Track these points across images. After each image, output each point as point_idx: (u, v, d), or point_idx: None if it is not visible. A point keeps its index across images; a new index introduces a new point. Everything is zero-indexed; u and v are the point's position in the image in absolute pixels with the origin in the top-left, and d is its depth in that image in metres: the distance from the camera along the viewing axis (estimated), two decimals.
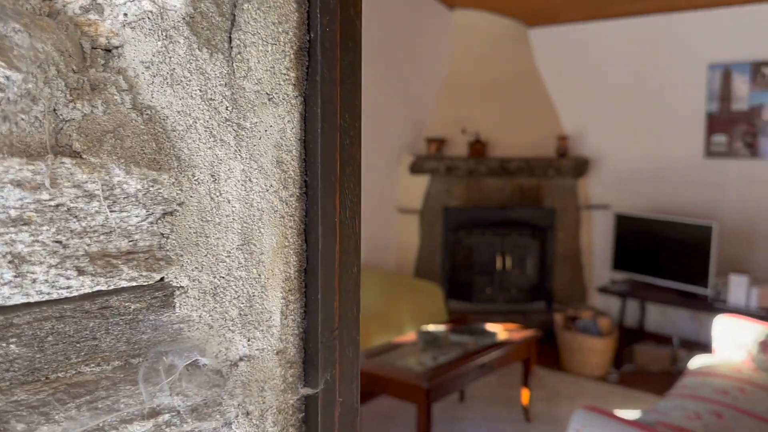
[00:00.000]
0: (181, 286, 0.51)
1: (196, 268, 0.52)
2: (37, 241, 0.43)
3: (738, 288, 3.84)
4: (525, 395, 3.40)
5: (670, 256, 4.23)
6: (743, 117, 4.23)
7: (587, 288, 5.11)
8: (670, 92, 4.60)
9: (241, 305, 0.56)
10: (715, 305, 3.89)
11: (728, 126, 4.30)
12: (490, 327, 3.52)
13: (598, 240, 5.06)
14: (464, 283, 4.94)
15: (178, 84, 0.50)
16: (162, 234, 0.50)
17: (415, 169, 4.89)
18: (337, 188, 0.60)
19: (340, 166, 0.59)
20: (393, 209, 5.00)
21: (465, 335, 3.42)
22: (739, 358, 3.19)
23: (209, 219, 0.53)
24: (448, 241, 4.99)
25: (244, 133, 0.55)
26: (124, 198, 0.47)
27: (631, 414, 3.43)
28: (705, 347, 4.42)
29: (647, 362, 4.35)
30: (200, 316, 0.53)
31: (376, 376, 2.80)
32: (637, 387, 3.97)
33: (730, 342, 3.23)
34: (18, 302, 0.42)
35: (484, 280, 4.89)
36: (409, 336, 3.28)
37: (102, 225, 0.46)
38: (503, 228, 4.90)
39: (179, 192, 0.50)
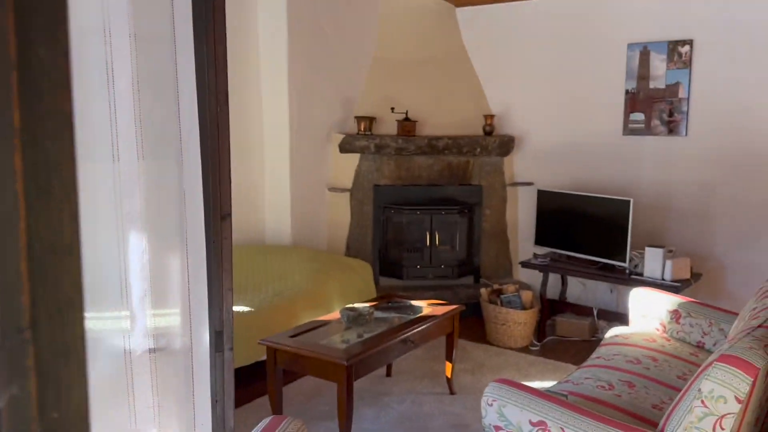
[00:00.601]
0: None
1: None
2: None
3: (653, 260, 4.02)
4: (448, 368, 3.46)
5: (590, 231, 4.38)
6: (660, 95, 4.39)
7: (513, 263, 5.24)
8: (591, 71, 4.73)
9: None
10: (632, 277, 4.06)
11: (646, 104, 4.45)
12: (416, 303, 3.55)
13: (523, 216, 5.19)
14: (395, 261, 4.98)
15: None
16: None
17: (345, 147, 4.85)
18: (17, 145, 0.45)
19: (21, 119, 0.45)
20: (323, 188, 4.95)
21: (390, 311, 3.44)
22: (653, 328, 3.35)
23: None
24: (379, 219, 5.00)
25: None
26: None
27: (546, 384, 3.56)
28: (623, 318, 4.62)
29: (568, 333, 4.51)
30: None
31: (298, 355, 2.78)
32: (558, 357, 4.12)
33: (644, 313, 3.38)
34: None
35: (414, 257, 4.93)
36: (334, 314, 3.27)
37: None
38: (432, 205, 4.94)
39: None
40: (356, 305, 3.23)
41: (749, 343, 1.88)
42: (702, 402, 1.79)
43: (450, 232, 5.08)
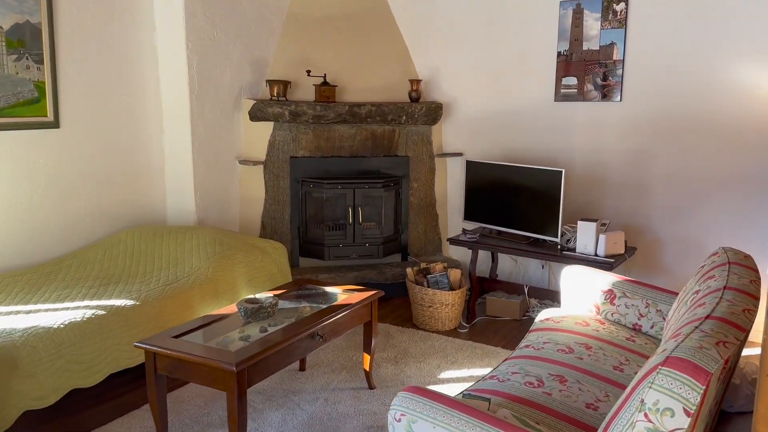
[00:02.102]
0: None
1: None
2: None
3: (585, 235, 3.76)
4: (366, 361, 3.10)
5: (521, 204, 4.08)
6: (594, 57, 4.09)
7: (443, 239, 4.92)
8: (522, 32, 4.38)
9: None
10: (563, 253, 3.80)
11: (579, 67, 4.15)
12: (330, 289, 3.16)
13: (453, 189, 4.85)
14: (315, 240, 4.56)
15: None
16: None
17: (256, 115, 4.36)
18: None
19: None
20: (233, 160, 4.46)
21: (300, 301, 3.04)
22: (587, 310, 3.08)
23: None
24: (297, 194, 4.55)
25: None
26: None
27: (474, 373, 3.25)
28: (556, 296, 4.38)
29: (499, 313, 4.23)
30: None
31: (180, 360, 2.35)
32: (488, 340, 3.83)
33: (577, 293, 3.11)
34: None
35: (336, 235, 4.53)
36: (231, 307, 2.84)
37: None
38: (355, 179, 4.53)
39: None
40: (258, 295, 2.80)
41: (698, 341, 1.58)
42: (645, 416, 1.47)
43: (375, 208, 4.69)
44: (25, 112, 3.46)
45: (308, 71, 4.45)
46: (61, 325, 2.66)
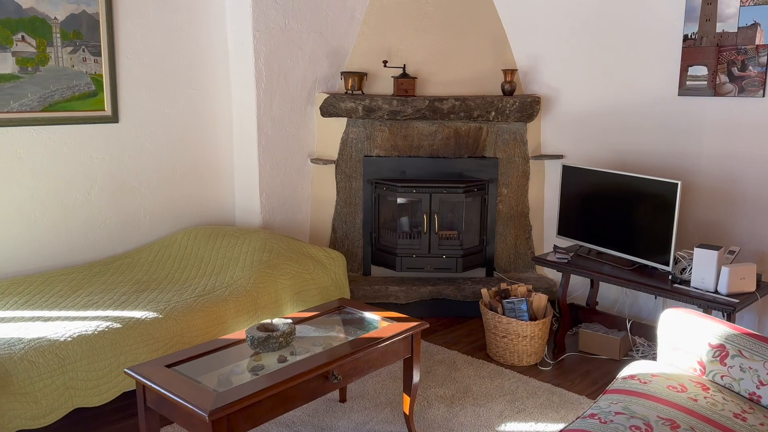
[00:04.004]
0: None
1: None
2: None
3: (704, 265, 2.99)
4: (406, 403, 2.63)
5: (627, 221, 3.37)
6: (731, 42, 3.25)
7: (537, 254, 4.28)
8: (640, 12, 3.62)
9: None
10: (674, 287, 3.05)
11: (710, 54, 3.33)
12: (370, 315, 2.72)
13: (551, 197, 4.19)
14: (387, 248, 4.13)
15: None
16: None
17: (327, 110, 4.01)
18: None
19: None
20: (305, 159, 4.15)
21: (331, 327, 2.63)
22: (688, 367, 2.38)
23: None
24: (370, 196, 4.15)
25: None
26: None
27: (543, 430, 2.65)
28: None
29: (594, 350, 3.55)
30: None
31: (163, 397, 2.04)
32: (573, 384, 3.19)
33: (678, 344, 2.41)
34: None
35: (410, 244, 4.07)
36: (241, 333, 2.50)
37: None
38: (433, 182, 4.04)
39: None
40: (276, 321, 2.44)
41: None
42: None
43: (455, 215, 4.17)
44: (82, 106, 3.37)
45: (385, 62, 4.01)
46: (69, 338, 2.47)
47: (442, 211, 4.08)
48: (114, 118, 3.50)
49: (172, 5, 3.65)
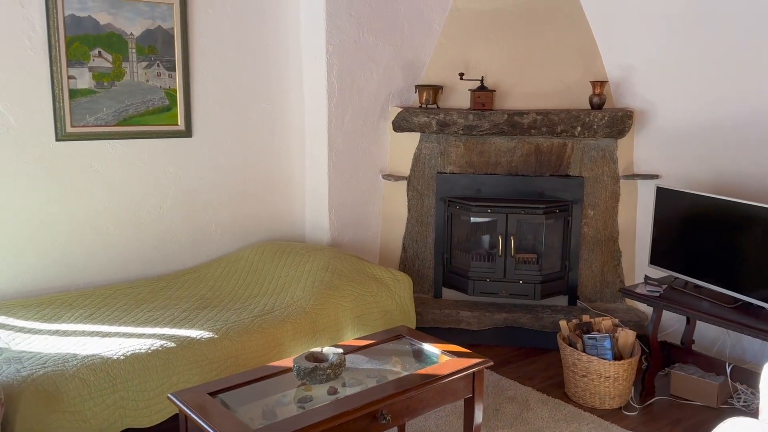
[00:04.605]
0: None
1: None
2: None
3: None
4: None
5: (730, 253, 2.97)
6: None
7: (626, 283, 3.90)
8: (759, 10, 3.21)
9: None
10: None
11: None
12: (430, 348, 2.52)
13: (644, 221, 3.80)
14: (460, 270, 3.91)
15: None
16: None
17: (400, 125, 3.85)
18: None
19: None
20: (377, 174, 4.01)
21: (386, 359, 2.45)
22: None
23: None
24: (442, 215, 3.94)
25: None
26: None
27: None
28: None
29: (688, 395, 3.15)
30: None
31: (201, 428, 1.93)
32: None
33: None
34: None
35: (484, 267, 3.82)
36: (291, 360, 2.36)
37: None
38: (511, 201, 3.78)
39: None
40: (325, 349, 2.29)
41: None
42: None
43: (534, 238, 3.88)
44: (156, 121, 3.40)
45: (461, 74, 3.80)
46: (121, 357, 2.44)
47: (519, 233, 3.81)
48: (187, 132, 3.51)
49: (246, 19, 3.63)
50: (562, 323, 3.25)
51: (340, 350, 2.28)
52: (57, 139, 3.12)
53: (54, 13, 3.00)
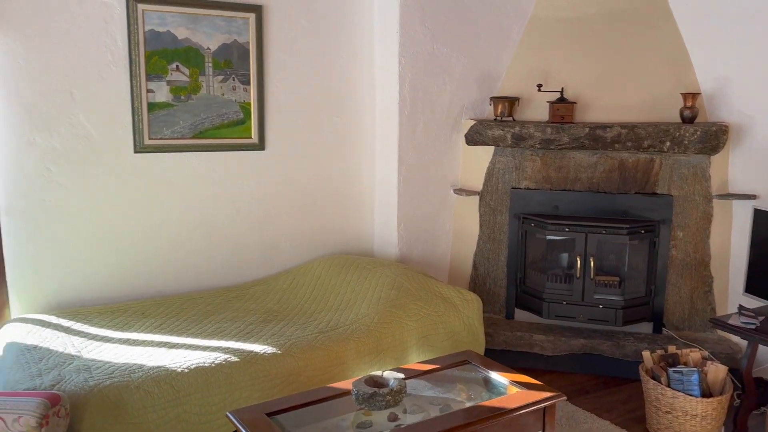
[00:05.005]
0: None
1: None
2: None
3: None
4: None
5: None
6: None
7: (719, 312, 3.59)
8: None
9: None
10: None
11: None
12: (497, 376, 2.38)
13: (740, 245, 3.49)
14: (534, 291, 3.73)
15: None
16: None
17: (473, 138, 3.73)
18: None
19: None
20: (448, 189, 3.90)
21: (450, 385, 2.34)
22: None
23: None
24: (516, 233, 3.78)
25: None
26: None
27: None
28: None
29: None
30: None
31: None
32: None
33: None
34: None
35: (560, 288, 3.63)
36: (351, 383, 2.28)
37: None
38: (591, 220, 3.57)
39: None
40: (386, 374, 2.20)
41: None
42: None
43: (617, 259, 3.64)
44: (230, 134, 3.45)
45: (539, 86, 3.63)
46: (186, 370, 2.45)
47: (600, 254, 3.59)
48: (260, 145, 3.54)
49: (320, 33, 3.62)
50: (645, 354, 3.02)
51: (401, 375, 2.19)
52: (135, 151, 3.21)
53: (135, 28, 3.09)
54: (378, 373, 2.21)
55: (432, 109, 3.76)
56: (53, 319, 2.88)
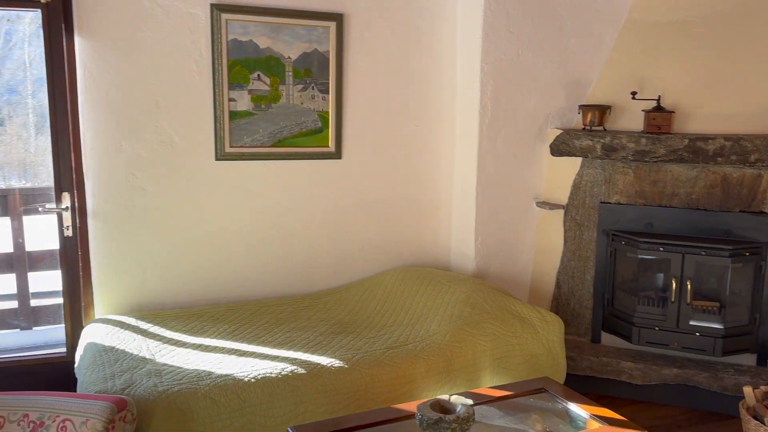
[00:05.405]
0: None
1: None
2: None
3: None
4: None
5: None
6: None
7: None
8: None
9: None
10: None
11: None
12: (576, 408, 2.20)
13: None
14: (623, 314, 3.47)
15: None
16: None
17: (559, 148, 3.53)
18: None
19: None
20: (530, 201, 3.72)
21: (522, 415, 2.18)
22: None
23: None
24: (604, 250, 3.54)
25: None
26: None
27: None
28: None
29: None
30: None
31: None
32: None
33: None
34: None
35: (652, 313, 3.35)
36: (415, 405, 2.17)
37: None
38: (690, 239, 3.28)
39: None
40: (454, 398, 2.08)
41: None
42: None
43: (717, 283, 3.32)
44: (307, 142, 3.44)
45: (633, 93, 3.39)
46: (252, 379, 2.43)
47: (698, 277, 3.29)
48: (337, 154, 3.51)
49: (401, 41, 3.56)
50: (747, 390, 2.72)
51: (470, 401, 2.05)
52: (216, 159, 3.26)
53: (218, 38, 3.15)
54: (445, 397, 2.09)
55: (515, 117, 3.59)
56: (132, 321, 2.96)
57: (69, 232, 3.03)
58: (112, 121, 3.05)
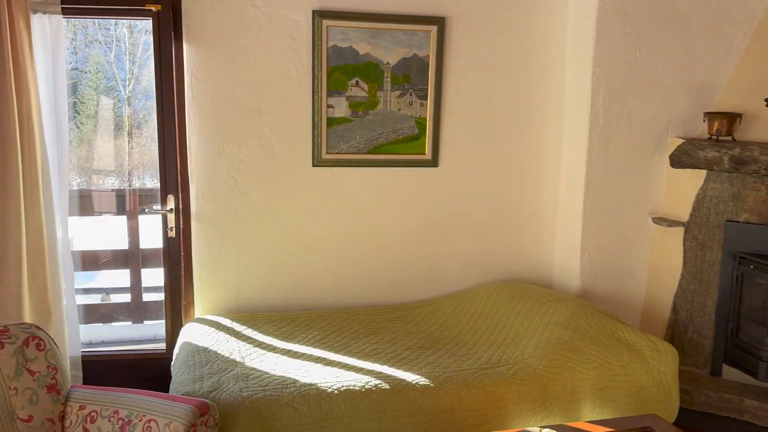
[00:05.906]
0: None
1: None
2: None
3: None
4: None
5: None
6: None
7: None
8: None
9: None
10: None
11: None
12: None
13: None
14: (749, 346, 3.09)
15: None
16: None
17: (680, 160, 3.21)
18: None
19: None
20: (645, 217, 3.42)
21: None
22: None
23: None
24: (730, 274, 3.17)
25: None
26: None
27: None
28: None
29: None
30: None
31: None
32: None
33: None
34: None
35: None
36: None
37: None
38: None
39: None
40: (546, 431, 1.90)
41: None
42: None
43: None
44: (403, 150, 3.36)
45: (767, 100, 3.01)
46: (335, 391, 2.38)
47: None
48: (434, 162, 3.41)
49: (506, 45, 3.39)
50: None
51: None
52: (313, 165, 3.27)
53: (319, 44, 3.15)
54: (534, 429, 1.92)
55: (630, 125, 3.31)
56: (227, 323, 3.02)
57: (172, 233, 3.14)
58: (216, 127, 3.14)
